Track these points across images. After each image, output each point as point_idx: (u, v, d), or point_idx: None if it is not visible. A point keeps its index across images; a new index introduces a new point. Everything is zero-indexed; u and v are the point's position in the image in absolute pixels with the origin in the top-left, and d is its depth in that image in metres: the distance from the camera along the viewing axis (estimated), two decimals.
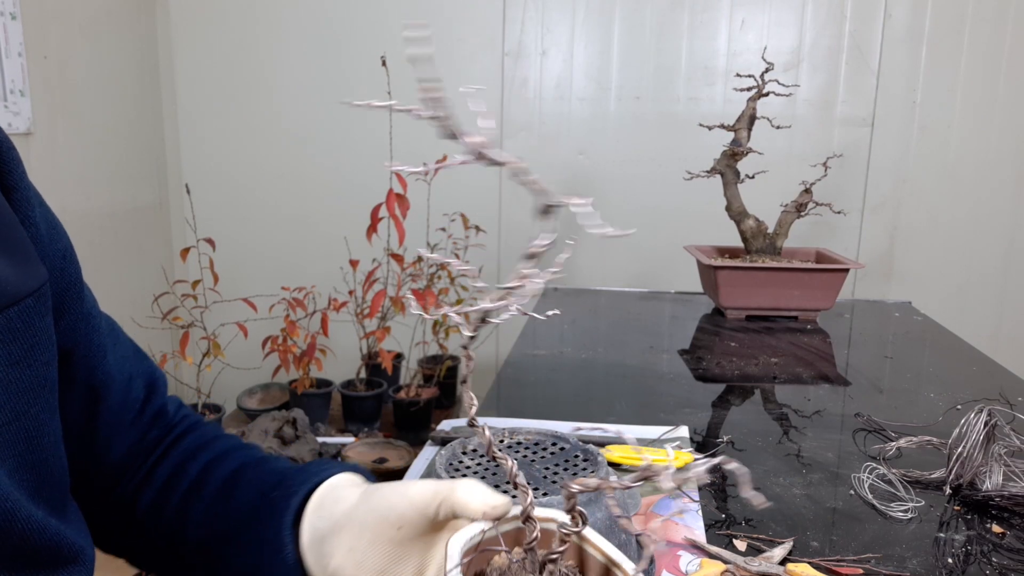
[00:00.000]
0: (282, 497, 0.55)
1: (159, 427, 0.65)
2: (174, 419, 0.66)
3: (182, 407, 0.69)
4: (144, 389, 0.65)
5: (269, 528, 0.54)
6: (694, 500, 0.80)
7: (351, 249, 2.28)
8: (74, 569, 0.53)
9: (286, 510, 0.53)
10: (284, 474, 0.57)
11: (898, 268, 2.36)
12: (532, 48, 2.32)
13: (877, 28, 2.22)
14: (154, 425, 0.65)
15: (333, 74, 2.38)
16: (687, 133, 2.25)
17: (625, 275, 2.39)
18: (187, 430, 0.66)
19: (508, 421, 1.00)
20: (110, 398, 0.61)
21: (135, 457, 0.63)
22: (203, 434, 0.65)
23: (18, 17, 1.78)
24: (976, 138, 2.25)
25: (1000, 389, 1.12)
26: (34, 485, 0.51)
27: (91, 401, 0.59)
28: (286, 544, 0.52)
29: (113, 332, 0.64)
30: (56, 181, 1.94)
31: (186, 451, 0.63)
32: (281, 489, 0.55)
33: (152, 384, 0.66)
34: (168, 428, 0.65)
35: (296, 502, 0.54)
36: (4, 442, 0.48)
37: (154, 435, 0.64)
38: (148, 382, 0.66)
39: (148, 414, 0.65)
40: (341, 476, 0.55)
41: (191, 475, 0.61)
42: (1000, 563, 0.69)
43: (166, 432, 0.65)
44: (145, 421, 0.65)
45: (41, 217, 0.55)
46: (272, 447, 1.96)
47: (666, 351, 1.37)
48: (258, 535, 0.54)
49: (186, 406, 0.70)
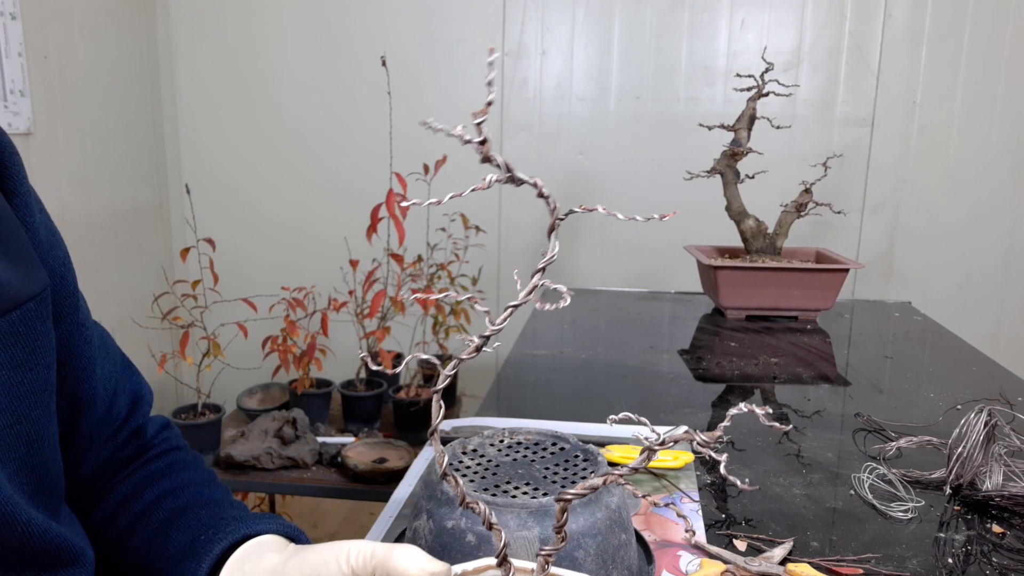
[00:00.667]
0: (207, 542, 0.54)
1: (133, 446, 0.64)
2: (152, 440, 0.66)
3: (165, 429, 0.68)
4: (127, 406, 0.65)
5: (187, 572, 0.53)
6: (694, 500, 0.80)
7: (351, 249, 2.28)
8: (74, 571, 0.53)
9: (206, 555, 0.53)
10: (220, 520, 0.57)
11: (898, 268, 2.36)
12: (532, 48, 2.32)
13: (877, 28, 2.22)
14: (129, 444, 0.64)
15: (333, 74, 2.38)
16: (687, 133, 2.25)
17: (625, 275, 2.39)
18: (161, 454, 0.65)
19: (508, 421, 1.00)
20: (92, 412, 0.60)
21: (104, 472, 0.63)
22: (173, 462, 0.64)
23: (18, 17, 1.78)
24: (976, 138, 2.25)
25: (1000, 389, 1.12)
26: (34, 488, 0.51)
27: (73, 413, 0.59)
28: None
29: (104, 345, 0.63)
30: (56, 181, 1.94)
31: (149, 475, 0.63)
32: (210, 533, 0.55)
33: (136, 401, 0.66)
34: (142, 449, 0.65)
35: (218, 550, 0.53)
36: (5, 445, 0.48)
37: (127, 453, 0.64)
38: (133, 399, 0.65)
39: (125, 432, 0.64)
40: (270, 537, 0.55)
41: (145, 501, 0.60)
42: (1000, 563, 0.69)
43: (139, 453, 0.64)
44: (121, 439, 0.64)
45: (41, 224, 0.55)
46: (272, 447, 1.96)
47: (666, 351, 1.37)
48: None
49: (172, 428, 0.69)
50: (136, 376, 0.67)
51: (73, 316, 0.57)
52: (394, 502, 0.80)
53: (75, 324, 0.58)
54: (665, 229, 2.32)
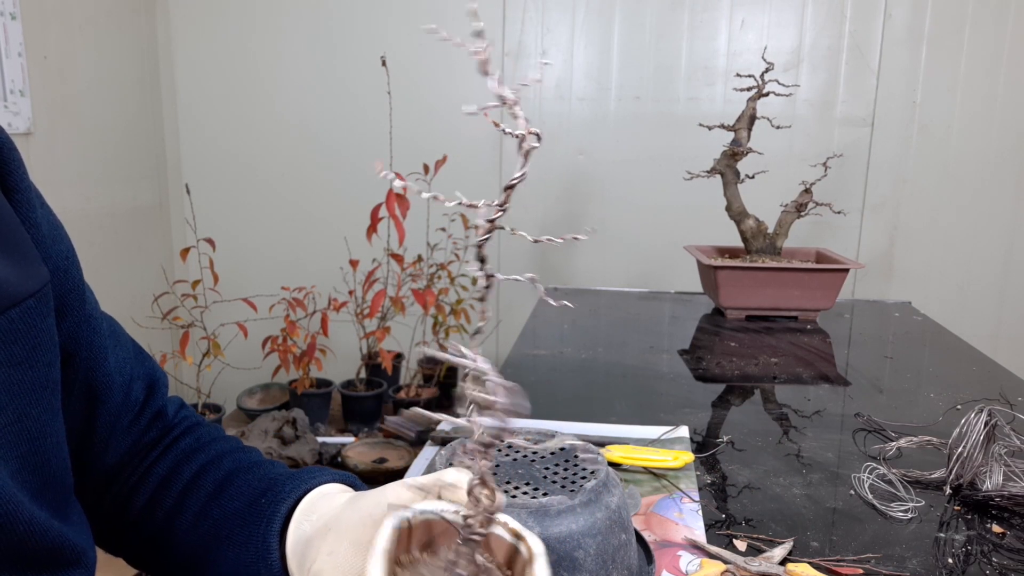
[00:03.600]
0: (271, 503, 0.55)
1: (157, 428, 0.65)
2: (173, 420, 0.66)
3: (183, 408, 0.68)
4: (144, 391, 0.65)
5: (256, 534, 0.54)
6: (694, 500, 0.80)
7: (351, 249, 2.28)
8: (75, 571, 0.53)
9: (274, 516, 0.54)
10: (274, 480, 0.57)
11: (898, 268, 2.36)
12: (532, 48, 2.32)
13: (877, 28, 2.22)
14: (152, 427, 0.65)
15: (333, 74, 2.38)
16: (687, 133, 2.25)
17: (625, 275, 2.39)
18: (185, 431, 0.65)
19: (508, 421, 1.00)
20: (109, 401, 0.61)
21: (132, 458, 0.63)
22: (201, 436, 0.65)
23: (18, 17, 1.78)
24: (976, 138, 2.25)
25: (1000, 389, 1.12)
26: (37, 487, 0.51)
27: (90, 404, 0.59)
28: (272, 550, 0.53)
29: (114, 334, 0.64)
30: (56, 181, 1.94)
31: (182, 453, 0.63)
32: (270, 495, 0.56)
33: (152, 385, 0.66)
34: (166, 430, 0.65)
35: (284, 509, 0.54)
36: (7, 443, 0.48)
37: (151, 437, 0.64)
38: (148, 383, 0.66)
39: (147, 416, 0.65)
40: (331, 485, 0.56)
41: (185, 477, 0.61)
42: (1000, 563, 0.69)
43: (164, 434, 0.65)
44: (143, 423, 0.64)
45: (43, 218, 0.55)
46: (272, 447, 1.96)
47: (666, 351, 1.37)
48: (246, 540, 0.54)
49: (188, 407, 0.69)
50: (149, 361, 0.67)
51: (79, 308, 0.57)
52: None
53: (82, 316, 0.58)
54: (665, 229, 2.32)
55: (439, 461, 0.63)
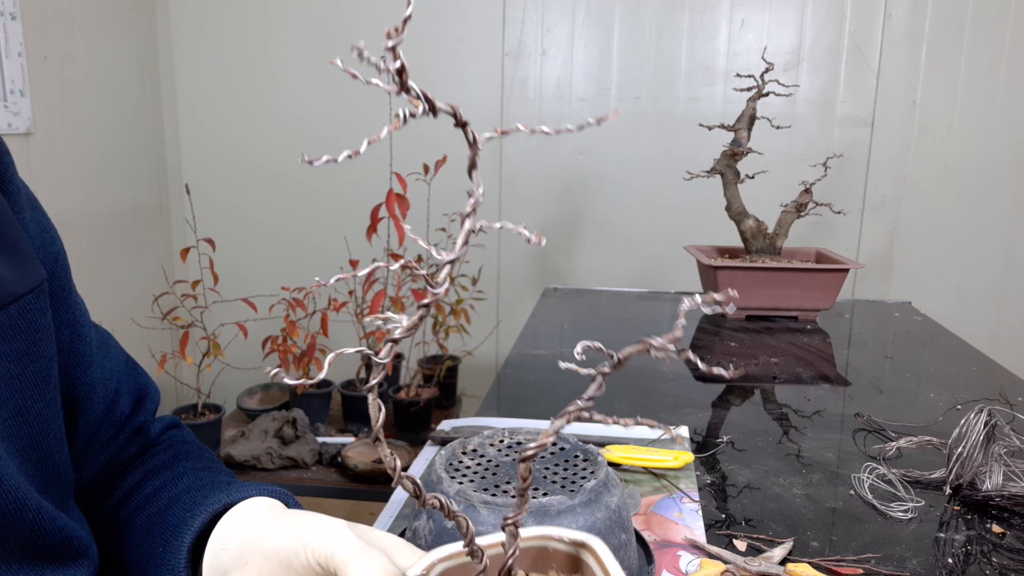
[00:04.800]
0: (190, 519, 0.53)
1: (137, 445, 0.63)
2: (156, 439, 0.65)
3: (171, 428, 0.66)
4: (131, 406, 0.64)
5: (170, 554, 0.53)
6: (694, 500, 0.80)
7: (351, 249, 2.28)
8: (82, 563, 0.53)
9: (187, 531, 0.52)
10: (206, 497, 0.55)
11: (898, 268, 2.36)
12: (532, 48, 2.32)
13: (877, 28, 2.22)
14: (132, 443, 0.63)
15: (333, 74, 2.38)
16: (687, 133, 2.25)
17: (625, 275, 2.39)
18: (164, 450, 0.64)
19: (508, 421, 1.00)
20: (89, 411, 0.59)
21: (107, 475, 0.62)
22: (176, 454, 0.63)
23: (18, 17, 1.78)
24: (976, 138, 2.25)
25: (1000, 389, 1.13)
26: (43, 480, 0.51)
27: (70, 411, 0.58)
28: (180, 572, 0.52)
29: (104, 345, 0.62)
30: (56, 181, 1.94)
31: (151, 470, 0.61)
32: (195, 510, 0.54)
33: (140, 400, 0.65)
34: (146, 447, 0.64)
35: (199, 523, 0.52)
36: (10, 436, 0.48)
37: (130, 453, 0.63)
38: (137, 398, 0.64)
39: (128, 431, 0.63)
40: (255, 501, 0.53)
41: (144, 493, 0.59)
42: (1000, 563, 0.69)
43: (143, 451, 0.64)
44: (123, 439, 0.63)
45: (32, 221, 0.55)
46: (272, 447, 1.96)
47: None
48: (165, 561, 0.53)
49: (183, 429, 0.67)
50: (142, 376, 0.66)
51: (63, 311, 0.57)
52: (394, 502, 0.80)
53: (66, 320, 0.57)
54: (665, 229, 2.32)
55: (438, 461, 0.63)
